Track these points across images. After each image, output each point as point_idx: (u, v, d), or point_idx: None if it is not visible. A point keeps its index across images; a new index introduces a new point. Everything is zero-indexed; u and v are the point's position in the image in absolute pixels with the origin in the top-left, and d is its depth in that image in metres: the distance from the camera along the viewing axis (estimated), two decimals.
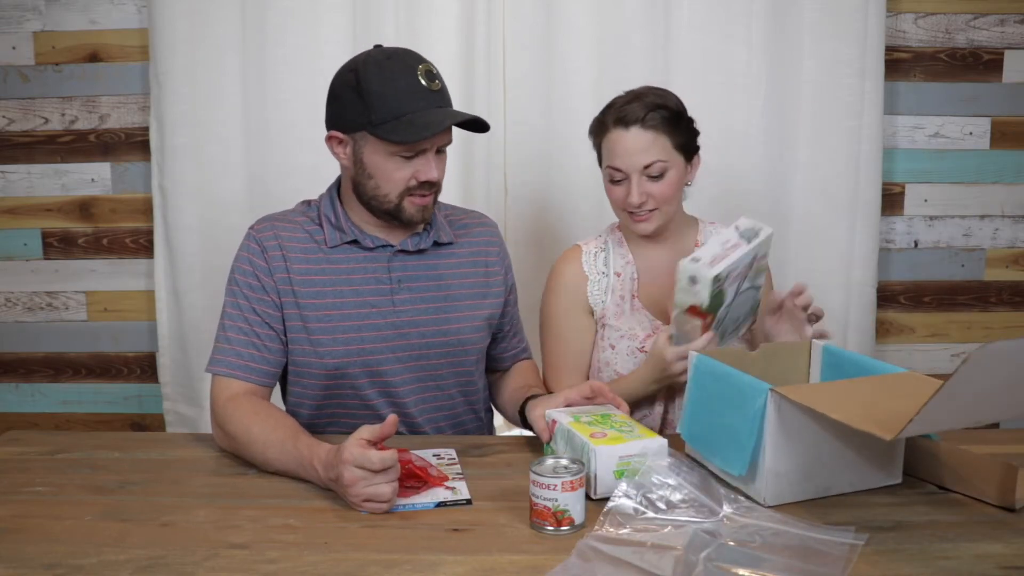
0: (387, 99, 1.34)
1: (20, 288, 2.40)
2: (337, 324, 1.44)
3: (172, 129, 2.20)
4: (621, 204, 1.54)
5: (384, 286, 1.46)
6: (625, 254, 1.61)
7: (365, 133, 1.38)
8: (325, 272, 1.45)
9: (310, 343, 1.44)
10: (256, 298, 1.44)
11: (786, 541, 1.05)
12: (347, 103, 1.39)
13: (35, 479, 1.27)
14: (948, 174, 2.33)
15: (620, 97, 1.55)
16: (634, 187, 1.50)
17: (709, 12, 2.15)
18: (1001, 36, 2.27)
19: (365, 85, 1.36)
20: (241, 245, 1.48)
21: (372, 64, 1.38)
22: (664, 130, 1.49)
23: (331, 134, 1.43)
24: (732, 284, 1.32)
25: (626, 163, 1.50)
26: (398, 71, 1.36)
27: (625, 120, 1.49)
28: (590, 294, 1.59)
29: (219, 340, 1.44)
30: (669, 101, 1.52)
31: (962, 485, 1.19)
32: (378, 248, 1.47)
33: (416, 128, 1.34)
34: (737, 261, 1.31)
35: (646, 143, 1.48)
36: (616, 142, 1.50)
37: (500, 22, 2.16)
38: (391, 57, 1.39)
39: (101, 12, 2.26)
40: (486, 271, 1.56)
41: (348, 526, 1.12)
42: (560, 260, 1.64)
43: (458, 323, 1.51)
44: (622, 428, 1.22)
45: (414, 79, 1.36)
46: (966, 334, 2.41)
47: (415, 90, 1.35)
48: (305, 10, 2.15)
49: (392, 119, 1.35)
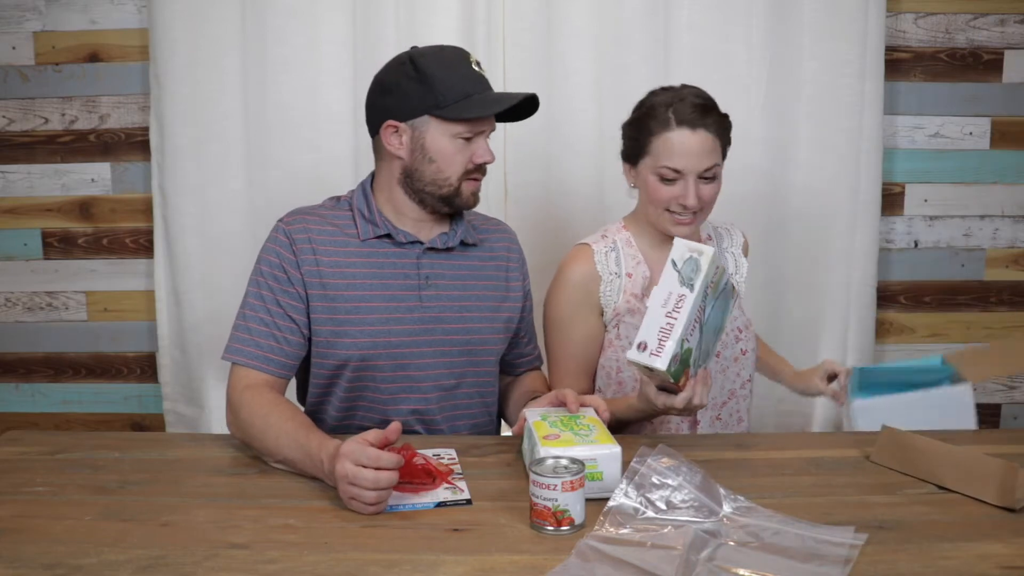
0: (451, 82, 1.41)
1: (20, 288, 2.40)
2: (365, 316, 1.46)
3: (172, 129, 2.20)
4: (667, 203, 1.51)
5: (412, 281, 1.48)
6: (635, 254, 1.59)
7: (428, 117, 1.42)
8: (355, 265, 1.47)
9: (337, 335, 1.45)
10: (280, 289, 1.45)
11: (786, 541, 1.05)
12: (407, 91, 1.43)
13: (35, 479, 1.27)
14: (948, 174, 2.33)
15: (662, 95, 1.52)
16: (691, 189, 1.48)
17: (709, 12, 2.15)
18: (1001, 36, 2.27)
19: (427, 71, 1.41)
20: (269, 237, 1.49)
21: (429, 54, 1.45)
22: (719, 133, 1.50)
23: (388, 124, 1.45)
24: (693, 331, 1.27)
25: (689, 165, 1.48)
26: (456, 59, 1.45)
27: (692, 122, 1.47)
28: (603, 294, 1.57)
29: (239, 329, 1.45)
30: (714, 102, 1.52)
31: (962, 485, 1.19)
32: (408, 244, 1.49)
33: (486, 104, 1.42)
34: (688, 317, 1.24)
35: (710, 147, 1.48)
36: (680, 143, 1.47)
37: (500, 22, 2.16)
38: (444, 49, 1.48)
39: (101, 12, 2.26)
40: (507, 275, 1.59)
41: (348, 526, 1.12)
42: (570, 259, 1.59)
43: (479, 323, 1.53)
44: (580, 432, 1.23)
45: (470, 66, 1.45)
46: (966, 334, 2.41)
47: (474, 76, 1.44)
48: (305, 10, 2.15)
49: (460, 99, 1.41)
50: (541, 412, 1.33)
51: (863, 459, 1.33)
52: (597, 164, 2.17)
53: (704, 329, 1.30)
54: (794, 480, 1.27)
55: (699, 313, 1.26)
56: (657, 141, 1.49)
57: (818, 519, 1.11)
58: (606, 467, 1.17)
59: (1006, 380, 2.43)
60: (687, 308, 1.23)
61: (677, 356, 1.24)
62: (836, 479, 1.27)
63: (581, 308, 1.57)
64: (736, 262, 1.66)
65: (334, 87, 2.17)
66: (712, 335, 1.35)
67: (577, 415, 1.30)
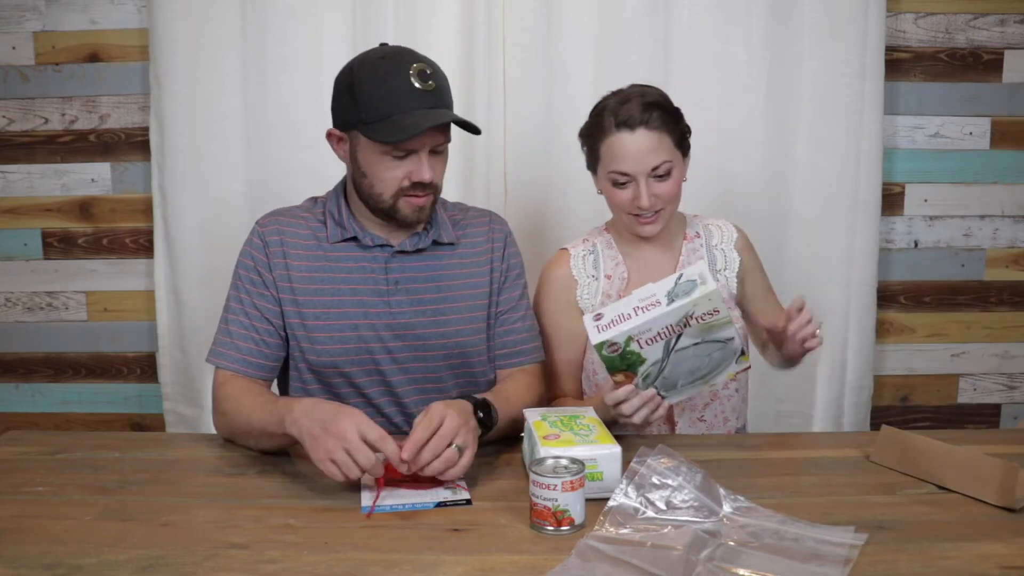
0: (376, 99, 1.35)
1: (20, 288, 2.40)
2: (334, 323, 1.45)
3: (172, 129, 2.20)
4: (627, 207, 1.51)
5: (381, 287, 1.46)
6: (615, 256, 1.60)
7: (357, 132, 1.39)
8: (324, 269, 1.46)
9: (308, 340, 1.45)
10: (257, 293, 1.45)
11: (786, 541, 1.05)
12: (342, 101, 1.41)
13: (35, 479, 1.27)
14: (948, 174, 2.33)
15: (610, 99, 1.52)
16: (643, 190, 1.47)
17: (709, 12, 2.15)
18: (1001, 36, 2.27)
19: (357, 85, 1.37)
20: (247, 239, 1.49)
21: (367, 64, 1.39)
22: (666, 129, 1.48)
23: (330, 131, 1.45)
24: (654, 343, 1.27)
25: (635, 166, 1.47)
26: (390, 71, 1.36)
27: (629, 122, 1.46)
28: (580, 297, 1.58)
29: (221, 332, 1.46)
30: (662, 98, 1.51)
31: (962, 485, 1.19)
32: (376, 248, 1.47)
33: (400, 129, 1.34)
34: (648, 322, 1.24)
35: (653, 144, 1.47)
36: (621, 145, 1.47)
37: (500, 22, 2.16)
38: (386, 56, 1.39)
39: (101, 12, 2.26)
40: (490, 268, 1.55)
41: (348, 526, 1.12)
42: (548, 265, 1.63)
43: (457, 325, 1.50)
44: (580, 432, 1.23)
45: (405, 79, 1.35)
46: (966, 334, 2.41)
47: (405, 90, 1.35)
48: (305, 10, 2.15)
49: (380, 119, 1.35)
50: (542, 412, 1.33)
51: (863, 459, 1.33)
52: None
53: (672, 356, 1.28)
54: (794, 480, 1.27)
55: (668, 332, 1.26)
56: (603, 147, 1.50)
57: (818, 519, 1.11)
58: (606, 467, 1.17)
59: (1006, 380, 2.43)
60: (653, 315, 1.24)
61: (618, 347, 1.25)
62: (836, 479, 1.27)
63: (561, 311, 1.59)
64: (726, 257, 1.63)
65: None
66: (685, 373, 1.32)
67: (577, 415, 1.30)
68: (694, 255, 1.60)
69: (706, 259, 1.60)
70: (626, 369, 1.27)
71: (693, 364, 1.31)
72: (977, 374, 2.43)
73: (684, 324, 1.25)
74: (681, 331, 1.26)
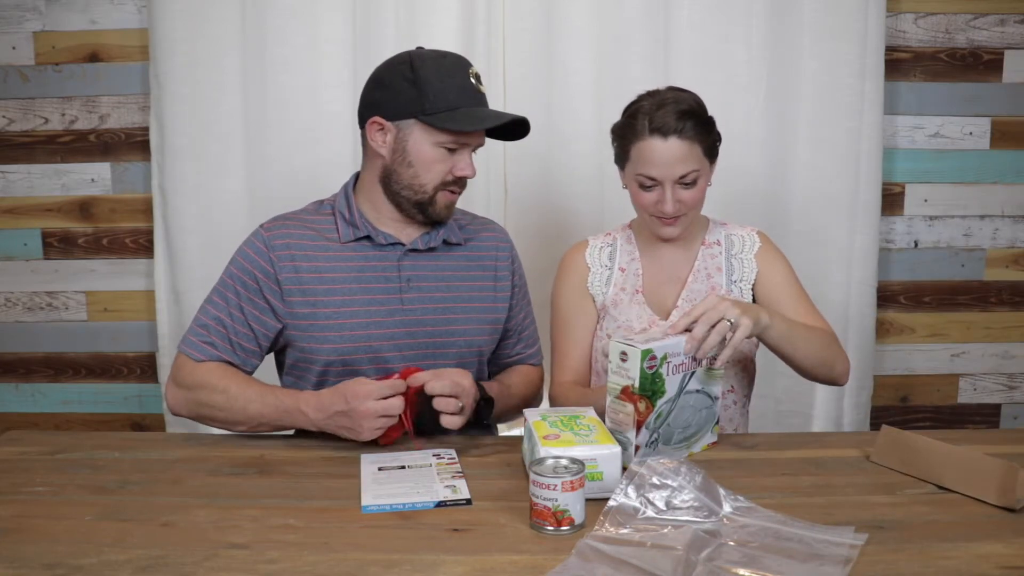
0: (443, 91, 1.41)
1: (20, 288, 2.40)
2: (346, 320, 1.46)
3: (172, 129, 2.20)
4: (650, 209, 1.53)
5: (393, 284, 1.48)
6: (632, 251, 1.64)
7: (414, 121, 1.42)
8: (336, 269, 1.47)
9: (319, 340, 1.45)
10: (247, 296, 1.46)
11: (786, 541, 1.05)
12: (399, 91, 1.42)
13: (35, 479, 1.27)
14: (948, 174, 2.33)
15: (645, 100, 1.52)
16: (668, 196, 1.49)
17: (709, 12, 2.15)
18: (1001, 36, 2.27)
19: (423, 75, 1.41)
20: (247, 241, 1.50)
21: (428, 58, 1.43)
22: (698, 139, 1.49)
23: (373, 119, 1.45)
24: (675, 374, 1.27)
25: (663, 173, 1.48)
26: (454, 68, 1.43)
27: (663, 130, 1.46)
28: (591, 284, 1.63)
29: (197, 323, 1.48)
30: (698, 107, 1.51)
31: (962, 485, 1.19)
32: (389, 246, 1.49)
33: (472, 119, 1.41)
34: (677, 344, 1.26)
35: (683, 154, 1.47)
36: (652, 151, 1.48)
37: (500, 22, 2.16)
38: (446, 56, 1.46)
39: (101, 12, 2.26)
40: (495, 275, 1.58)
41: (348, 526, 1.12)
42: (567, 252, 1.70)
43: (465, 324, 1.52)
44: (580, 432, 1.23)
45: (467, 78, 1.43)
46: (966, 334, 2.41)
47: (469, 88, 1.43)
48: (305, 10, 2.15)
49: (448, 109, 1.40)
50: (542, 412, 1.33)
51: (863, 459, 1.33)
52: (597, 164, 2.17)
53: (680, 399, 1.30)
54: (794, 480, 1.26)
55: (686, 366, 1.30)
56: (634, 149, 1.51)
57: (818, 519, 1.11)
58: (606, 467, 1.17)
59: (1006, 380, 2.43)
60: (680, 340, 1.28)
61: (655, 364, 1.24)
62: (836, 479, 1.26)
63: (574, 292, 1.64)
64: (744, 267, 1.62)
65: (334, 87, 2.17)
66: (681, 426, 1.32)
67: (577, 415, 1.30)
68: (711, 261, 1.61)
69: (724, 269, 1.60)
70: (650, 396, 1.26)
71: (689, 417, 1.32)
72: (977, 374, 2.43)
73: (698, 362, 1.31)
74: (694, 370, 1.31)
